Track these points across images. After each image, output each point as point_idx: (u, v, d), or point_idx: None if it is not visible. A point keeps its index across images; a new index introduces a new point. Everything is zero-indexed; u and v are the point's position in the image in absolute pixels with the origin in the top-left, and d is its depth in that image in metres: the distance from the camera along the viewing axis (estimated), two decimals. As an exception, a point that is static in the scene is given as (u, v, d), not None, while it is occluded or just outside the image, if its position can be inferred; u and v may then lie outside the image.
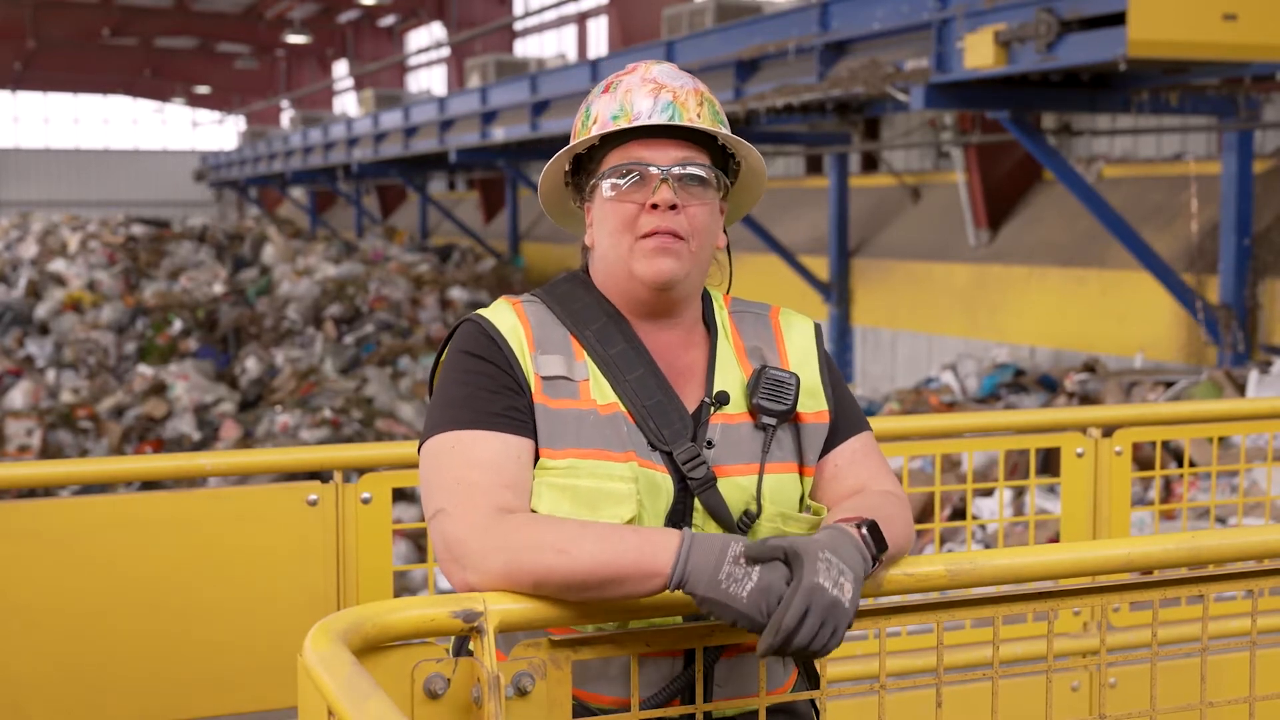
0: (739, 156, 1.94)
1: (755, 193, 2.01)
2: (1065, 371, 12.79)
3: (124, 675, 2.92)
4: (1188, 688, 1.97)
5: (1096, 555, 1.86)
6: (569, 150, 1.91)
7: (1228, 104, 11.67)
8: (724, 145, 1.91)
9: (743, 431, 1.87)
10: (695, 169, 1.86)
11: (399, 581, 10.17)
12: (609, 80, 1.93)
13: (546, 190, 1.98)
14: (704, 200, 1.87)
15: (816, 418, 1.92)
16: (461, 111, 20.62)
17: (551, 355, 1.85)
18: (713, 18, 15.01)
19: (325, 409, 16.76)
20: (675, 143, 1.86)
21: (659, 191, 1.84)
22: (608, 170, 1.87)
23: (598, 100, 1.91)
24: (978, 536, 8.51)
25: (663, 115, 1.85)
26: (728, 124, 1.94)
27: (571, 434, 1.81)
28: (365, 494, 2.98)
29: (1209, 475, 8.17)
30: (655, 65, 1.92)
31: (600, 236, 1.90)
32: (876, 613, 1.76)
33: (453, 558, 1.71)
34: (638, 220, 1.85)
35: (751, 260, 18.00)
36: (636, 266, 1.85)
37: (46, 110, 49.48)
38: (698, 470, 1.81)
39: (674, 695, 1.77)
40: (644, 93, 1.87)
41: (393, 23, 39.76)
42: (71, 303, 22.35)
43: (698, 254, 1.87)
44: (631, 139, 1.87)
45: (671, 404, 1.85)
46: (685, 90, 1.88)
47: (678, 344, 1.91)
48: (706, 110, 1.89)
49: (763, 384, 1.89)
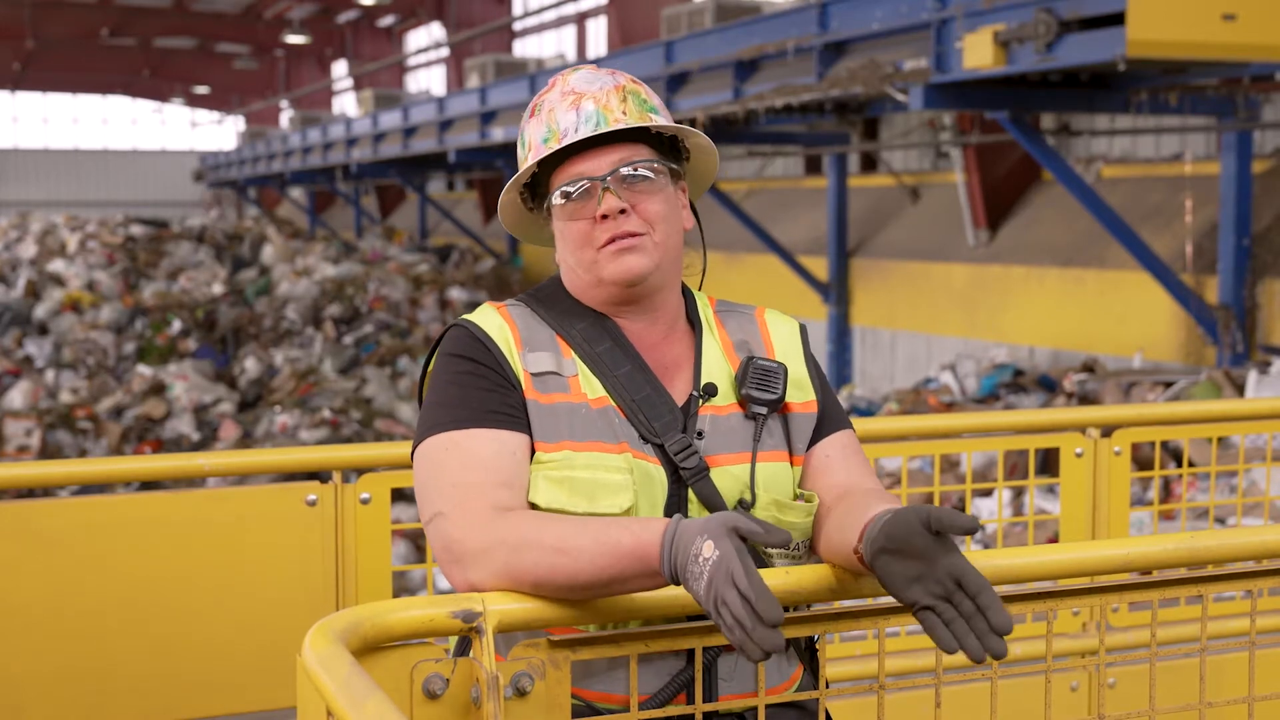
0: (680, 137, 1.94)
1: (710, 168, 2.01)
2: (1064, 372, 12.79)
3: (122, 676, 2.91)
4: (1187, 688, 1.97)
5: (1095, 555, 1.86)
6: (514, 182, 1.93)
7: (1227, 104, 11.67)
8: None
9: (732, 422, 1.89)
10: (629, 167, 1.86)
11: (398, 582, 10.17)
12: (534, 102, 1.93)
13: (509, 220, 2.01)
14: (652, 192, 1.87)
15: (804, 407, 1.94)
16: (460, 112, 20.61)
17: (539, 353, 1.87)
18: (712, 18, 15.00)
19: (324, 409, 16.77)
20: (610, 147, 1.87)
21: (604, 200, 1.85)
22: (554, 193, 1.88)
23: (528, 125, 1.93)
24: (977, 537, 8.51)
25: (587, 126, 1.86)
26: (662, 108, 1.93)
27: (565, 427, 1.82)
28: (364, 494, 2.98)
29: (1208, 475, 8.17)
30: (573, 74, 1.92)
31: (565, 254, 1.92)
32: (876, 613, 1.76)
33: (453, 559, 1.71)
34: (593, 233, 1.86)
35: (750, 260, 17.99)
36: (604, 272, 1.87)
37: (45, 110, 49.47)
38: (690, 460, 1.82)
39: (678, 691, 1.77)
40: (564, 107, 1.88)
41: (392, 23, 39.74)
42: (70, 303, 22.35)
43: (663, 243, 1.88)
44: (569, 156, 1.87)
45: (660, 397, 1.86)
46: (605, 91, 1.88)
47: (662, 340, 1.93)
48: (632, 104, 1.88)
49: (751, 374, 1.90)
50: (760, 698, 1.73)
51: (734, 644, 1.54)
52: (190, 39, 43.57)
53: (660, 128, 1.90)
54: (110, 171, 48.50)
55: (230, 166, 36.36)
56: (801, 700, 1.89)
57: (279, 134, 32.98)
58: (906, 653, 3.36)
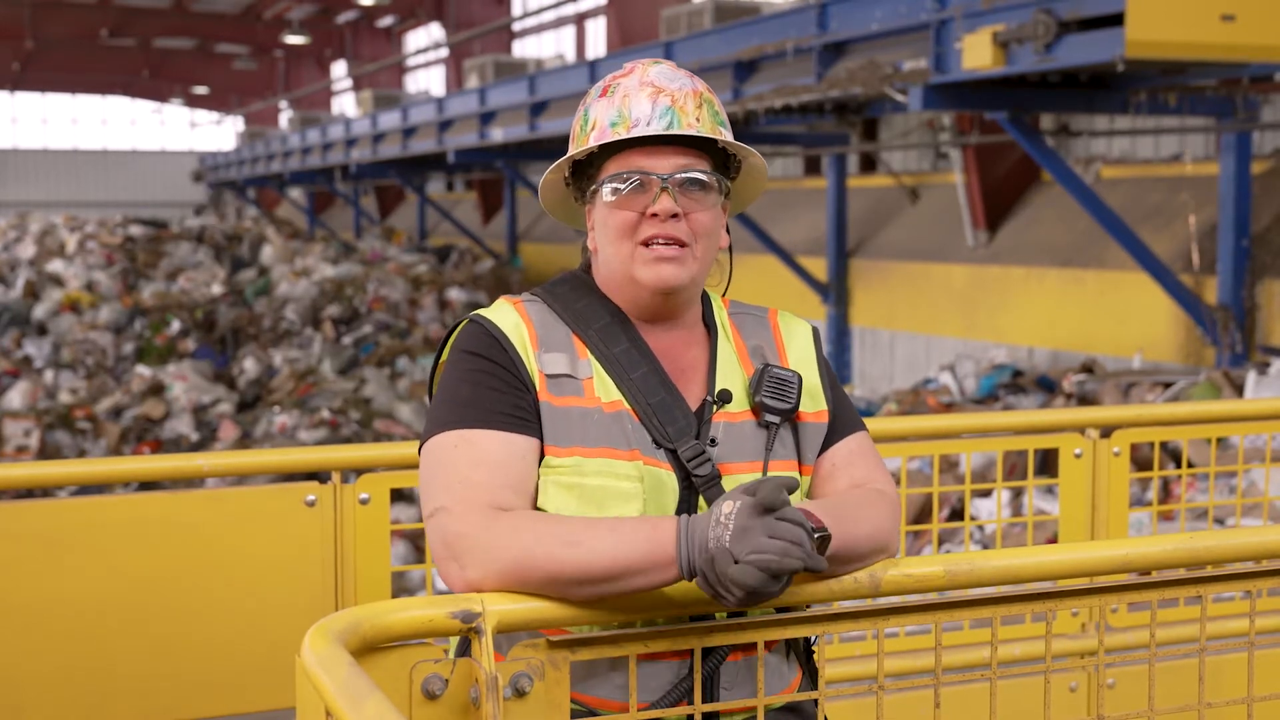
0: (739, 156, 1.92)
1: (755, 190, 2.00)
2: (1063, 372, 12.79)
3: (122, 676, 2.91)
4: (1186, 688, 1.97)
5: (1095, 556, 1.86)
6: (568, 158, 1.90)
7: (1226, 105, 11.67)
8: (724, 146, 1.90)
9: (745, 430, 1.87)
10: (695, 175, 1.84)
11: (397, 582, 10.16)
12: (606, 83, 1.90)
13: (547, 191, 1.97)
14: (705, 205, 1.85)
15: (816, 417, 1.93)
16: (460, 112, 20.62)
17: (555, 353, 1.85)
18: (711, 18, 15.00)
19: (323, 409, 16.76)
20: (675, 149, 1.85)
21: (660, 200, 1.83)
22: (608, 177, 1.85)
23: (595, 104, 1.89)
24: (976, 537, 8.52)
25: (661, 122, 1.83)
26: (728, 122, 1.92)
27: (577, 432, 1.80)
28: (363, 494, 2.98)
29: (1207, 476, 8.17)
30: (653, 66, 1.89)
31: (602, 242, 1.89)
32: (875, 613, 1.76)
33: (452, 555, 1.69)
34: (639, 227, 1.84)
35: (750, 261, 17.99)
36: (639, 272, 1.85)
37: (45, 111, 49.45)
38: (702, 468, 1.81)
39: (680, 698, 1.76)
40: (642, 97, 1.85)
41: (391, 23, 39.74)
42: (69, 303, 22.33)
43: (702, 259, 1.87)
44: (631, 146, 1.85)
45: (675, 402, 1.85)
46: (684, 93, 1.86)
47: (679, 344, 1.91)
48: (706, 113, 1.87)
49: (766, 382, 1.88)
50: (760, 699, 1.73)
51: (789, 564, 1.58)
52: (190, 39, 43.56)
53: (728, 144, 1.89)
54: (109, 172, 48.47)
55: (229, 167, 36.36)
56: (799, 704, 1.89)
57: (278, 134, 32.99)
58: (905, 653, 3.37)
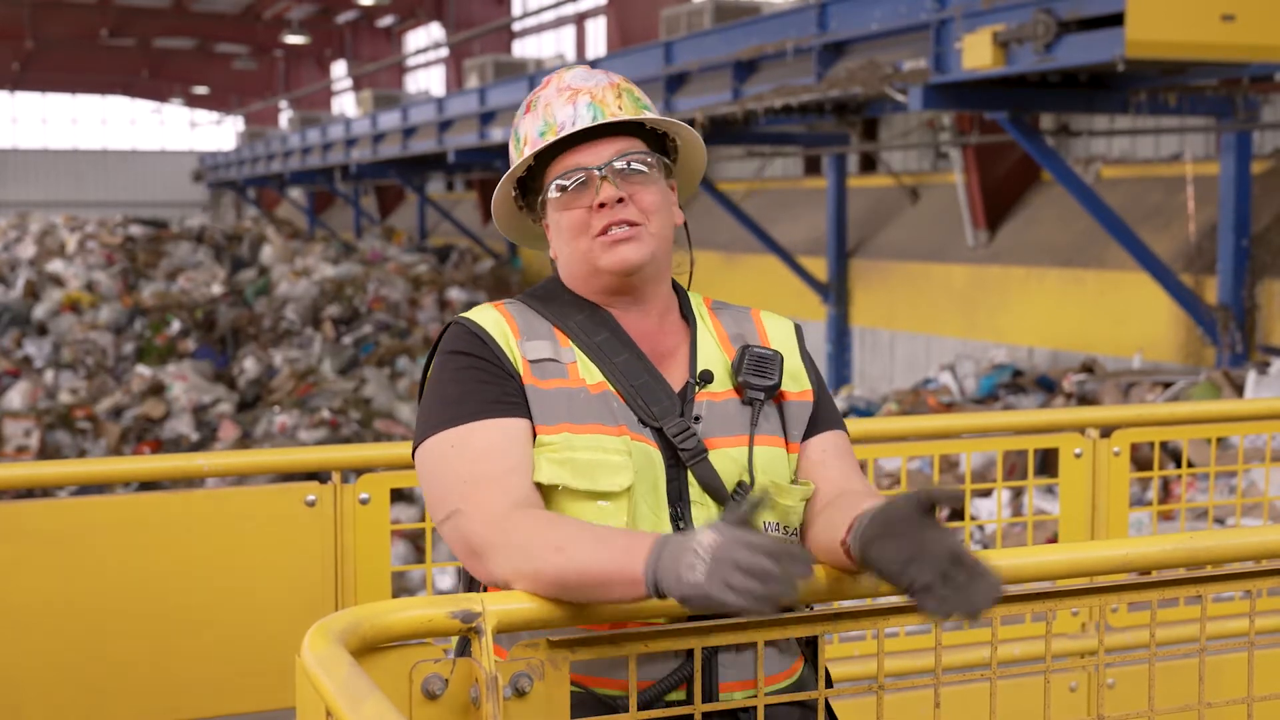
0: (672, 134, 1.99)
1: (699, 166, 2.06)
2: (1063, 372, 12.79)
3: (122, 676, 2.91)
4: (1186, 688, 1.97)
5: (1094, 556, 1.86)
6: (509, 176, 1.97)
7: (1226, 105, 11.66)
8: (655, 128, 1.96)
9: (729, 408, 1.92)
10: (629, 156, 1.90)
11: (397, 582, 10.16)
12: (529, 99, 1.98)
13: (502, 219, 2.04)
14: (648, 184, 1.92)
15: (800, 396, 1.98)
16: (460, 112, 20.61)
17: (537, 341, 1.90)
18: (711, 18, 15.00)
19: (323, 409, 16.77)
20: (606, 140, 1.91)
21: (602, 190, 1.89)
22: (550, 183, 1.92)
23: (523, 121, 1.97)
24: (976, 537, 8.52)
25: (585, 118, 1.90)
26: (653, 107, 1.99)
27: (564, 410, 1.85)
28: (363, 494, 2.98)
29: (1207, 476, 8.17)
30: (568, 72, 1.97)
31: (561, 245, 1.95)
32: (875, 613, 1.77)
33: (473, 553, 1.75)
34: (590, 221, 1.90)
35: (750, 261, 17.99)
36: (601, 261, 1.90)
37: (44, 111, 49.42)
38: (688, 442, 1.85)
39: (678, 683, 1.78)
40: (561, 102, 1.93)
41: (391, 23, 39.72)
42: (70, 303, 22.34)
43: (659, 234, 1.92)
44: (565, 149, 1.92)
45: (658, 384, 1.90)
46: (601, 88, 1.93)
47: (656, 330, 1.96)
48: (627, 99, 1.94)
49: (748, 361, 1.94)
50: (760, 699, 1.74)
51: (755, 602, 1.51)
52: (189, 39, 43.54)
53: (654, 122, 1.95)
54: (109, 172, 48.44)
55: (229, 167, 36.35)
56: (799, 685, 1.91)
57: (278, 134, 32.97)
58: (906, 653, 3.37)
